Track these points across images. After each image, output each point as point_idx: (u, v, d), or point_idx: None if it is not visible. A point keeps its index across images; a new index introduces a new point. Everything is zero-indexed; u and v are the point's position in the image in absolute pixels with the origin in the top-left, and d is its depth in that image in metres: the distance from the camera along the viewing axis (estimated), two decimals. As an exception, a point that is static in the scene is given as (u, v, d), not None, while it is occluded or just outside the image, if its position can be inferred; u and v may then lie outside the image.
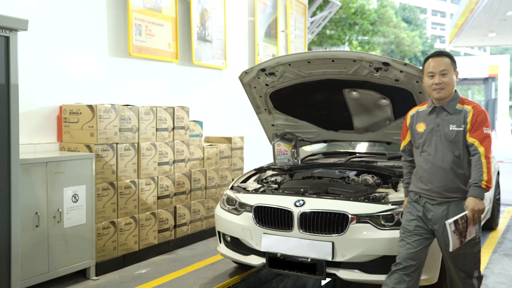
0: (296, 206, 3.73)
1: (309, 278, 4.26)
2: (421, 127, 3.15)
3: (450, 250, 2.86)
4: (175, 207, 5.19)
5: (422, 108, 3.23)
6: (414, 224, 3.12)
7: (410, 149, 3.30)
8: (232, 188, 4.34)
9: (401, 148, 3.36)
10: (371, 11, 22.08)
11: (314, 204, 3.68)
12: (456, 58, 3.13)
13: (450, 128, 3.03)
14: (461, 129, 3.00)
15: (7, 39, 3.19)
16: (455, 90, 3.09)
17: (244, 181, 4.57)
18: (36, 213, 3.75)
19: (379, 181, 4.14)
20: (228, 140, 6.18)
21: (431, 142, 3.08)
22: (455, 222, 2.82)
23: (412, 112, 3.27)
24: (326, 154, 5.43)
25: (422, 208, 3.11)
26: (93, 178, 4.19)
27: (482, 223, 5.57)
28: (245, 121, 7.36)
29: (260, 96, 4.69)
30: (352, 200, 3.67)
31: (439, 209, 3.04)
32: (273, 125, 4.98)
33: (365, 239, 3.48)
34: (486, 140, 2.94)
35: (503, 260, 4.95)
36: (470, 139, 2.97)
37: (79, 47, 4.83)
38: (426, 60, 3.13)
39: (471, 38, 24.20)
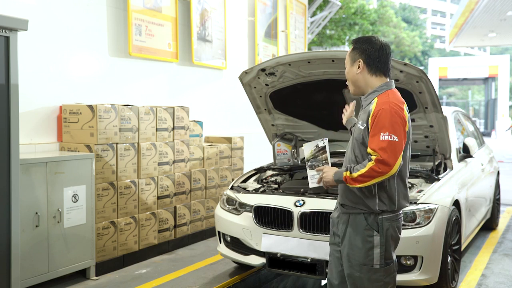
0: (296, 206, 3.73)
1: (309, 278, 4.25)
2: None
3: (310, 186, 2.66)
4: (175, 207, 5.19)
5: None
6: (329, 242, 2.80)
7: None
8: (232, 188, 4.35)
9: None
10: (371, 11, 22.08)
11: (314, 204, 3.69)
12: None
13: (358, 126, 2.60)
14: (362, 128, 2.55)
15: (7, 39, 3.19)
16: (386, 83, 2.59)
17: (244, 181, 4.57)
18: (36, 213, 3.75)
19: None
20: (228, 140, 6.18)
21: (347, 143, 2.72)
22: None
23: None
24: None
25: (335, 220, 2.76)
26: (93, 178, 4.19)
27: (482, 223, 5.58)
28: (245, 121, 7.36)
29: (260, 96, 4.69)
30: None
31: (342, 218, 2.67)
32: (273, 125, 4.98)
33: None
34: (385, 149, 2.39)
35: (503, 260, 4.95)
36: (368, 149, 2.47)
37: (79, 47, 4.83)
38: None
39: (471, 38, 24.21)
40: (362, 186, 2.48)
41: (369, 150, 2.46)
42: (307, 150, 2.55)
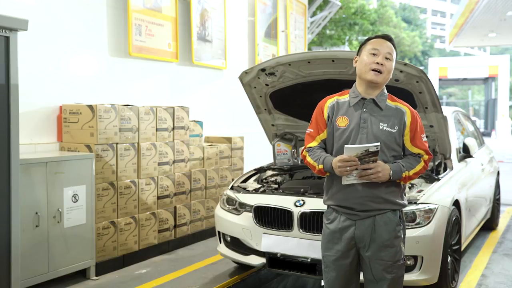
0: (296, 206, 3.73)
1: (309, 278, 4.25)
2: (342, 122, 2.61)
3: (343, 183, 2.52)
4: (175, 207, 5.19)
5: (342, 98, 2.68)
6: (333, 258, 2.64)
7: (324, 148, 2.70)
8: (232, 188, 4.35)
9: (311, 146, 2.70)
10: (371, 11, 22.09)
11: (314, 204, 3.68)
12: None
13: (380, 127, 2.56)
14: (394, 130, 2.57)
15: (7, 39, 3.19)
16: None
17: (244, 181, 4.57)
18: (36, 213, 3.75)
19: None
20: (228, 140, 6.18)
21: (354, 142, 2.56)
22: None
23: (331, 101, 2.69)
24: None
25: (340, 229, 2.62)
26: (93, 178, 4.19)
27: (482, 223, 5.58)
28: (245, 121, 7.36)
29: (260, 96, 4.69)
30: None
31: (362, 224, 2.57)
32: (273, 125, 4.98)
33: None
34: (427, 149, 2.64)
35: (503, 260, 4.95)
36: (414, 149, 2.61)
37: (79, 47, 4.83)
38: (370, 39, 2.66)
39: (471, 38, 24.22)
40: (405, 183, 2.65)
41: (417, 150, 2.63)
42: (350, 152, 2.44)
